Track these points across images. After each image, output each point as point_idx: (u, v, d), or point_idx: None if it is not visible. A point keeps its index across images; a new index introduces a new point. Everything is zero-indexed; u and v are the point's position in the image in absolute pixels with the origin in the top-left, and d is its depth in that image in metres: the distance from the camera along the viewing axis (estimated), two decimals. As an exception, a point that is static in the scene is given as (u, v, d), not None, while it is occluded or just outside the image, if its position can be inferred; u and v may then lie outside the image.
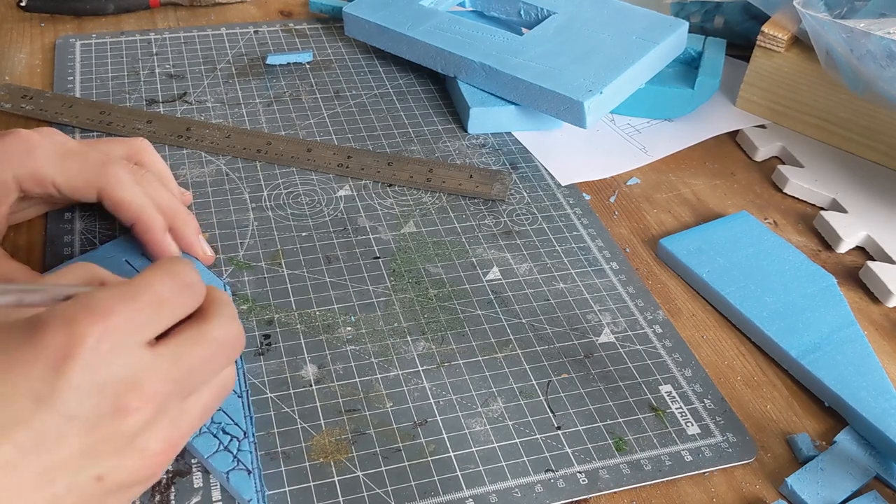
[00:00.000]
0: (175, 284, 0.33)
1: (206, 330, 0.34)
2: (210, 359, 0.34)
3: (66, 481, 0.31)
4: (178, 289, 0.34)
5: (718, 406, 0.46)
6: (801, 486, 0.42)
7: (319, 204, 0.57)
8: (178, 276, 0.34)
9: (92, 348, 0.30)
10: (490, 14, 0.75)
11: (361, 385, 0.45)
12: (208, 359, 0.34)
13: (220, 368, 0.35)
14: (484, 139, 0.65)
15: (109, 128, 0.61)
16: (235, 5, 0.79)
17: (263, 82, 0.69)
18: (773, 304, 0.51)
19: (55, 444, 0.30)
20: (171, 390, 0.32)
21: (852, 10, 0.61)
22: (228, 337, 0.35)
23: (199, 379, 0.34)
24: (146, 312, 0.32)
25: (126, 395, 0.31)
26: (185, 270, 0.34)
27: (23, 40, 0.72)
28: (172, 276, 0.34)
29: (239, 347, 0.36)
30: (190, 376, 0.33)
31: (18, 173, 0.46)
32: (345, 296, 0.50)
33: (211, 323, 0.34)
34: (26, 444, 0.29)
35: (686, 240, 0.56)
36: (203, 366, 0.34)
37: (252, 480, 0.39)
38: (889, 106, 0.59)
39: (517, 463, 0.42)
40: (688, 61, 0.71)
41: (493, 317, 0.50)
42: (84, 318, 0.30)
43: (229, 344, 0.35)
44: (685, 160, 0.65)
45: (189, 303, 0.34)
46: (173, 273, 0.34)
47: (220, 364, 0.35)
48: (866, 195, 0.61)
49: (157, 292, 0.33)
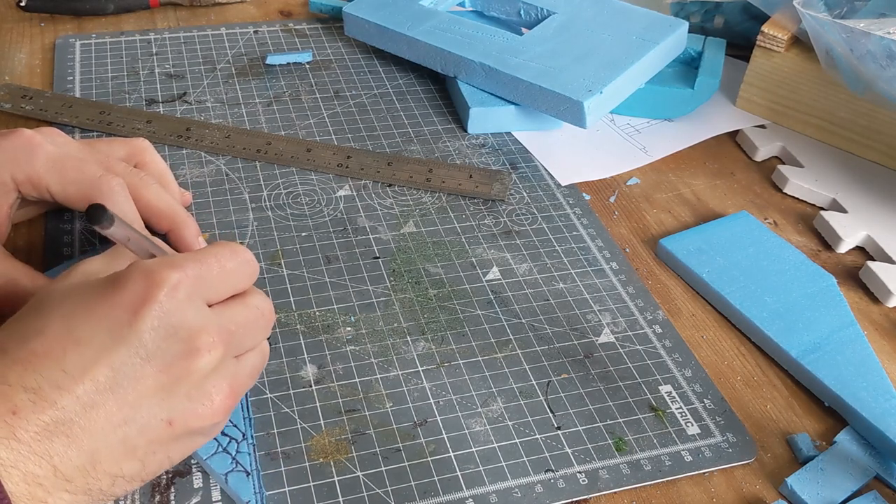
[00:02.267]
0: (238, 260, 0.38)
1: (249, 299, 0.38)
2: (255, 322, 0.38)
3: (140, 423, 0.33)
4: (240, 263, 0.38)
5: (718, 406, 0.46)
6: (801, 486, 0.42)
7: (319, 204, 0.57)
8: (239, 253, 0.38)
9: (168, 294, 0.34)
10: (490, 14, 0.74)
11: (361, 385, 0.45)
12: (253, 321, 0.38)
13: (261, 334, 0.39)
14: (484, 139, 0.65)
15: (109, 128, 0.61)
16: (235, 5, 0.79)
17: (263, 82, 0.68)
18: (773, 305, 0.51)
19: (131, 383, 0.33)
20: (229, 342, 0.36)
21: (852, 10, 0.61)
22: (266, 306, 0.39)
23: (247, 338, 0.38)
24: (212, 276, 0.36)
25: (197, 339, 0.34)
26: (245, 251, 0.39)
27: (23, 40, 0.72)
28: (235, 252, 0.38)
29: (272, 319, 0.39)
30: (241, 334, 0.37)
31: (17, 175, 0.46)
32: (344, 296, 0.50)
33: (251, 295, 0.39)
34: (104, 381, 0.32)
35: (686, 240, 0.56)
36: (249, 326, 0.38)
37: (251, 482, 0.39)
38: (889, 106, 0.59)
39: (517, 463, 0.42)
40: (688, 61, 0.71)
41: (492, 317, 0.50)
42: (161, 269, 0.34)
43: (267, 312, 0.39)
44: (685, 160, 0.65)
45: (247, 278, 0.38)
46: (235, 250, 0.38)
47: (261, 328, 0.39)
48: (866, 195, 0.61)
49: (222, 262, 0.37)
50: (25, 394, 0.31)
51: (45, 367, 0.31)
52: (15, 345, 0.32)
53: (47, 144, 0.46)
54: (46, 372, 0.31)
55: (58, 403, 0.31)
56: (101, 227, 0.33)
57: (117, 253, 0.39)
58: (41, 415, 0.31)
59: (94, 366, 0.32)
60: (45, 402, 0.31)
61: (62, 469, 0.31)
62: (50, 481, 0.31)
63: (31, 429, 0.30)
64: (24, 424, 0.30)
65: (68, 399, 0.31)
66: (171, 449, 0.35)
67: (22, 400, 0.31)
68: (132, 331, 0.33)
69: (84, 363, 0.32)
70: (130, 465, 0.33)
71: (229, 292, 0.37)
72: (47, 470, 0.31)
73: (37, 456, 0.30)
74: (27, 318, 0.34)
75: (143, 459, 0.34)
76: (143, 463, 0.34)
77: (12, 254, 0.45)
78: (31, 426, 0.30)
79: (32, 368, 0.31)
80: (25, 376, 0.31)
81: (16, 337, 0.33)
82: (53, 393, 0.31)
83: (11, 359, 0.32)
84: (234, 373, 0.36)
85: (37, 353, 0.32)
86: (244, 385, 0.37)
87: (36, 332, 0.33)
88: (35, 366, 0.31)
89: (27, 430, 0.30)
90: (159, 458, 0.35)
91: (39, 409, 0.31)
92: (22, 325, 0.33)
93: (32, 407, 0.31)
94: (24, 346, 0.32)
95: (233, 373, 0.36)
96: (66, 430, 0.31)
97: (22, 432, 0.30)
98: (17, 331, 0.33)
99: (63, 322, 0.33)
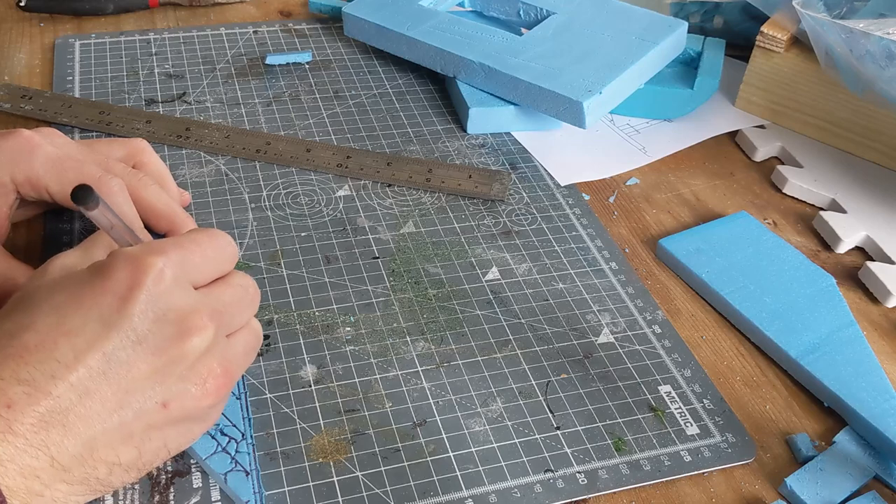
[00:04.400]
0: (217, 244, 0.38)
1: (231, 279, 0.39)
2: (240, 300, 0.38)
3: (135, 407, 0.33)
4: (219, 247, 0.38)
5: (718, 406, 0.46)
6: (800, 487, 0.42)
7: (318, 204, 0.57)
8: (218, 237, 0.39)
9: (155, 279, 0.34)
10: (489, 14, 0.75)
11: (361, 385, 0.45)
12: (239, 299, 0.38)
13: (248, 310, 0.39)
14: (483, 139, 0.65)
15: (109, 128, 0.61)
16: (235, 5, 0.79)
17: (263, 82, 0.68)
18: (773, 305, 0.51)
19: (125, 367, 0.33)
20: (220, 322, 0.36)
21: (852, 10, 0.61)
22: (249, 283, 0.40)
23: (235, 316, 0.38)
24: (194, 259, 0.37)
25: (188, 319, 0.35)
26: (224, 235, 0.39)
27: (22, 40, 0.72)
28: (213, 237, 0.38)
29: (257, 296, 0.40)
30: (230, 313, 0.37)
31: (16, 176, 0.46)
32: (344, 296, 0.50)
33: (232, 275, 0.39)
34: (98, 367, 0.32)
35: (685, 240, 0.56)
36: (236, 304, 0.38)
37: (250, 482, 0.39)
38: (888, 106, 0.59)
39: (516, 463, 0.42)
40: (687, 61, 0.71)
41: (492, 317, 0.50)
42: (145, 255, 0.35)
43: (251, 289, 0.39)
44: (684, 160, 0.65)
45: (227, 260, 0.39)
46: (214, 234, 0.39)
47: (248, 305, 0.39)
48: (865, 195, 0.61)
49: (203, 247, 0.37)
50: (20, 386, 0.31)
51: (37, 359, 0.32)
52: (5, 340, 0.32)
53: (46, 145, 0.47)
54: (40, 364, 0.32)
55: (53, 393, 0.31)
56: (86, 207, 0.34)
57: (92, 244, 0.40)
58: (36, 406, 0.31)
59: (87, 353, 0.32)
60: (39, 392, 0.31)
61: (59, 459, 0.31)
62: (47, 472, 0.31)
63: (28, 421, 0.31)
64: (19, 417, 0.31)
65: (63, 387, 0.32)
66: (168, 435, 0.35)
67: (16, 393, 0.31)
68: (122, 316, 0.33)
69: (76, 352, 0.32)
70: (127, 452, 0.34)
71: (213, 275, 0.38)
72: (44, 461, 0.31)
73: (34, 448, 0.31)
74: (14, 313, 0.34)
75: (140, 446, 0.34)
76: (140, 450, 0.34)
77: (12, 253, 0.45)
78: (27, 418, 0.31)
79: (25, 362, 0.31)
80: (19, 370, 0.31)
81: (4, 333, 0.33)
82: (48, 383, 0.31)
83: (3, 354, 0.32)
84: (227, 353, 0.37)
85: (28, 348, 0.32)
86: (239, 365, 0.38)
87: (25, 327, 0.33)
88: (27, 359, 0.32)
89: (23, 423, 0.31)
90: (156, 446, 0.35)
91: (34, 401, 0.31)
92: (9, 322, 0.33)
93: (27, 399, 0.31)
94: (14, 342, 0.32)
95: (225, 353, 0.37)
96: (61, 420, 0.31)
97: (18, 425, 0.30)
98: (6, 327, 0.33)
99: (52, 314, 0.33)
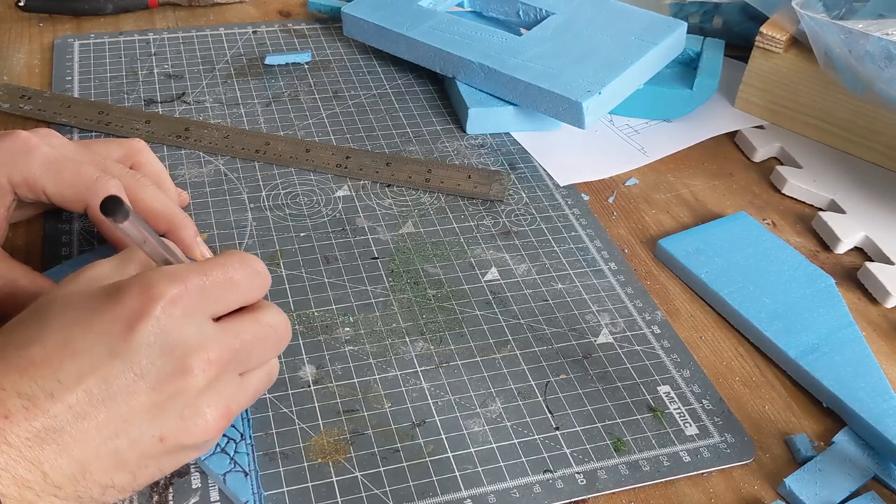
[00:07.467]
0: (247, 271, 0.36)
1: (261, 315, 0.37)
2: (264, 340, 0.37)
3: (131, 437, 0.33)
4: (249, 275, 0.37)
5: (717, 406, 0.46)
6: (799, 487, 0.42)
7: (318, 204, 0.57)
8: (249, 263, 0.37)
9: (164, 309, 0.33)
10: (489, 14, 0.74)
11: (360, 385, 0.45)
12: (263, 339, 0.37)
13: (271, 352, 0.38)
14: (482, 139, 0.65)
15: (108, 128, 0.61)
16: (234, 5, 0.79)
17: (262, 82, 0.68)
18: (772, 305, 0.51)
19: (124, 397, 0.32)
20: (231, 360, 0.35)
21: (851, 10, 0.61)
22: (280, 324, 0.38)
23: (254, 357, 0.36)
24: (217, 288, 0.35)
25: (192, 357, 0.33)
26: (256, 261, 0.37)
27: (21, 40, 0.72)
28: (244, 263, 0.36)
29: (287, 337, 0.38)
30: (247, 352, 0.36)
31: (13, 177, 0.46)
32: (343, 296, 0.50)
33: (264, 310, 0.37)
34: (98, 393, 0.32)
35: (684, 240, 0.56)
36: (258, 345, 0.36)
37: (249, 482, 0.39)
38: (888, 107, 0.59)
39: (515, 463, 0.42)
40: (686, 62, 0.71)
41: (491, 317, 0.50)
42: (160, 282, 0.33)
43: (280, 329, 0.38)
44: (684, 161, 0.65)
45: (257, 290, 0.37)
46: (245, 260, 0.37)
47: (272, 347, 0.37)
48: (865, 196, 0.61)
49: (229, 273, 0.36)
50: (19, 399, 0.31)
51: (41, 375, 0.31)
52: (13, 350, 0.32)
53: (43, 146, 0.46)
54: (42, 381, 0.31)
55: (50, 412, 0.31)
56: (115, 219, 0.32)
57: (127, 258, 0.38)
58: (33, 421, 0.31)
59: (89, 378, 0.32)
60: (37, 409, 0.31)
61: (52, 476, 0.31)
62: (40, 486, 0.31)
63: (23, 434, 0.31)
64: (15, 429, 0.30)
65: (60, 408, 0.31)
66: (163, 462, 0.35)
67: (15, 405, 0.31)
68: (127, 346, 0.32)
69: (79, 374, 0.32)
70: (121, 477, 0.33)
71: (237, 304, 0.36)
72: (37, 476, 0.31)
73: (27, 461, 0.31)
74: (27, 323, 0.34)
75: (135, 472, 0.34)
76: (135, 475, 0.34)
77: (11, 254, 0.45)
78: (23, 432, 0.31)
79: (28, 376, 0.31)
80: (21, 383, 0.31)
81: (14, 343, 0.33)
82: (46, 401, 0.31)
83: (8, 364, 0.32)
84: (233, 392, 0.36)
85: (34, 362, 0.32)
86: (242, 405, 0.37)
87: (34, 340, 0.33)
88: (31, 374, 0.31)
89: (18, 436, 0.31)
90: (151, 471, 0.34)
91: (31, 416, 0.31)
92: (21, 331, 0.33)
93: (25, 413, 0.31)
94: (22, 353, 0.32)
95: (231, 392, 0.35)
96: (56, 439, 0.31)
97: (13, 437, 0.30)
98: (16, 336, 0.33)
99: (62, 332, 0.33)
